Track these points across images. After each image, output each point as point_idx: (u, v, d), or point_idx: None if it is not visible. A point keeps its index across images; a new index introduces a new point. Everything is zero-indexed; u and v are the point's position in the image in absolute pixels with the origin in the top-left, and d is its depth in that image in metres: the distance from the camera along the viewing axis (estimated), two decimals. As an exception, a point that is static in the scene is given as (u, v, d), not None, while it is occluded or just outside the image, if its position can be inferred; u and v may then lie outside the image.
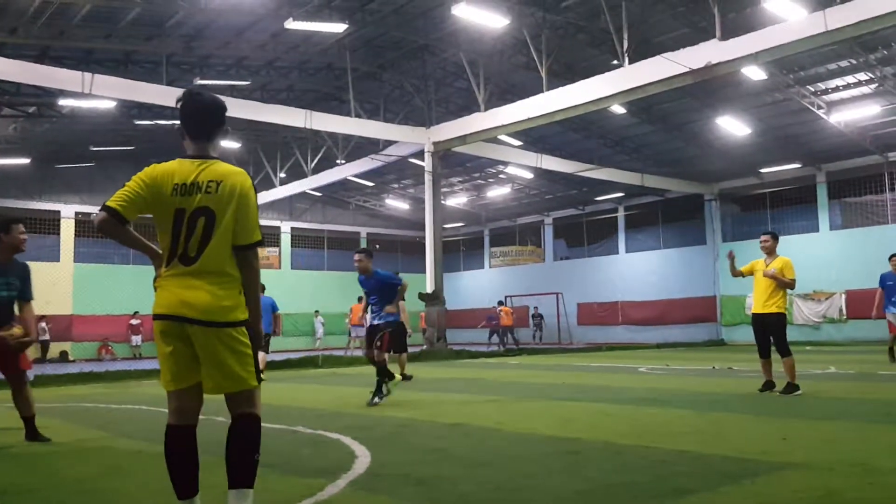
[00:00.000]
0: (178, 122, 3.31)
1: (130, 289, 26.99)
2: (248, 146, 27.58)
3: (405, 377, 11.90)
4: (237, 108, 18.96)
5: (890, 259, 12.65)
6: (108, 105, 20.04)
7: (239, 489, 3.04)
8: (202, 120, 3.26)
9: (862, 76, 19.57)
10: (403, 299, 9.56)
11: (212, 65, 20.20)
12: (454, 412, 7.72)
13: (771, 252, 8.77)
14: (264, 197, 30.27)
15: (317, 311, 30.36)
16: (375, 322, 8.98)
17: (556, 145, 26.20)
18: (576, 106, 17.82)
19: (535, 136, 25.27)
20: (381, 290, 9.00)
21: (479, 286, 37.54)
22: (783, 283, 8.47)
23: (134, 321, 27.87)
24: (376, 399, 8.60)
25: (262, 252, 33.62)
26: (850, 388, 9.34)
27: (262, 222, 27.23)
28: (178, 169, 3.14)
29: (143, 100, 18.12)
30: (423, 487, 4.18)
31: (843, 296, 24.57)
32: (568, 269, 34.17)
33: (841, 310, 24.75)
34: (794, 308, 25.34)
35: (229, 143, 25.44)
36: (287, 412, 8.01)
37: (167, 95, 17.77)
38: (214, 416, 5.44)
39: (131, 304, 27.28)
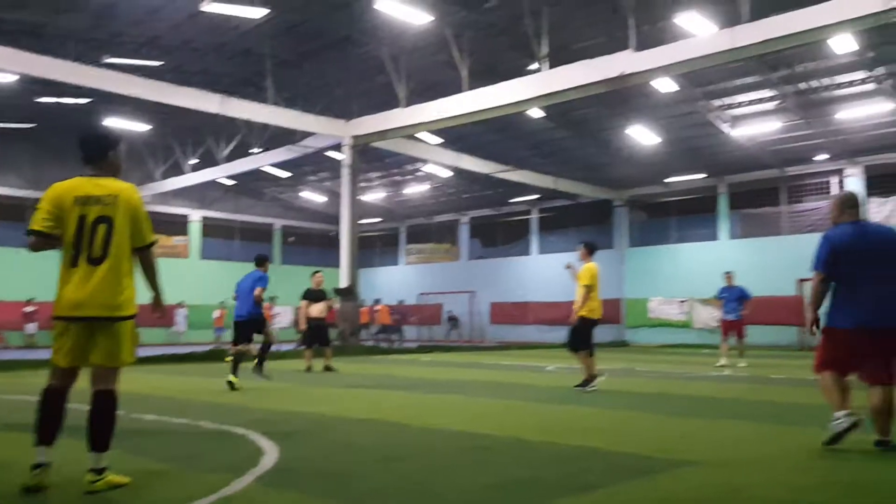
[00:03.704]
0: (81, 102, 3.69)
1: (26, 275, 25.34)
2: (159, 130, 26.51)
3: (329, 369, 13.14)
4: (148, 90, 18.23)
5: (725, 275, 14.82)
6: (9, 79, 18.87)
7: (100, 452, 3.79)
8: (95, 147, 4.12)
9: (765, 93, 20.62)
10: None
11: (122, 43, 19.33)
12: (365, 408, 7.67)
13: (583, 260, 9.82)
14: (173, 184, 29.23)
15: (180, 302, 28.73)
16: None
17: (474, 145, 26.41)
18: (495, 107, 18.03)
19: (455, 135, 25.38)
20: None
21: (393, 282, 37.47)
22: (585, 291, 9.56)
23: (28, 308, 26.29)
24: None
25: (170, 240, 32.74)
26: (743, 390, 9.83)
27: (170, 210, 26.32)
28: (78, 185, 3.97)
29: (47, 76, 17.12)
30: (332, 482, 4.13)
31: (740, 302, 25.80)
32: (482, 268, 34.54)
33: (737, 315, 26.00)
34: (693, 313, 26.47)
35: (138, 126, 24.40)
36: (190, 406, 7.77)
37: (73, 73, 16.89)
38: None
39: (26, 290, 25.75)
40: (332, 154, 26.14)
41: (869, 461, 4.71)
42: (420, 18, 16.44)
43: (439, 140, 25.34)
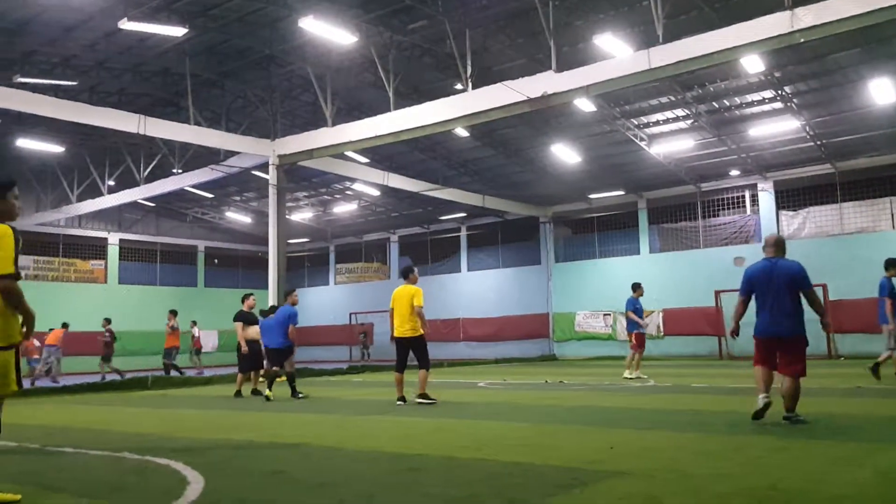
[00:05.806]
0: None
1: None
2: (74, 151, 25.59)
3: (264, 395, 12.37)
4: (61, 110, 17.60)
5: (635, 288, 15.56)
6: None
7: None
8: None
9: (679, 112, 21.46)
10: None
11: (35, 62, 18.63)
12: (294, 433, 7.55)
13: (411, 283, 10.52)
14: (90, 206, 28.19)
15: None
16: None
17: (402, 164, 26.52)
18: (422, 126, 18.14)
19: (383, 154, 25.44)
20: None
21: (324, 303, 37.06)
22: (416, 310, 10.05)
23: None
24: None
25: (87, 265, 31.48)
26: (667, 400, 10.13)
27: (87, 233, 25.38)
28: None
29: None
30: (261, 511, 4.05)
31: (661, 314, 26.63)
32: (411, 286, 34.50)
33: (658, 327, 26.78)
34: (617, 325, 27.12)
35: (52, 147, 23.52)
36: (111, 437, 7.48)
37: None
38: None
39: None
40: (257, 173, 25.75)
41: (788, 468, 4.91)
42: (345, 39, 16.44)
43: (367, 159, 25.32)
